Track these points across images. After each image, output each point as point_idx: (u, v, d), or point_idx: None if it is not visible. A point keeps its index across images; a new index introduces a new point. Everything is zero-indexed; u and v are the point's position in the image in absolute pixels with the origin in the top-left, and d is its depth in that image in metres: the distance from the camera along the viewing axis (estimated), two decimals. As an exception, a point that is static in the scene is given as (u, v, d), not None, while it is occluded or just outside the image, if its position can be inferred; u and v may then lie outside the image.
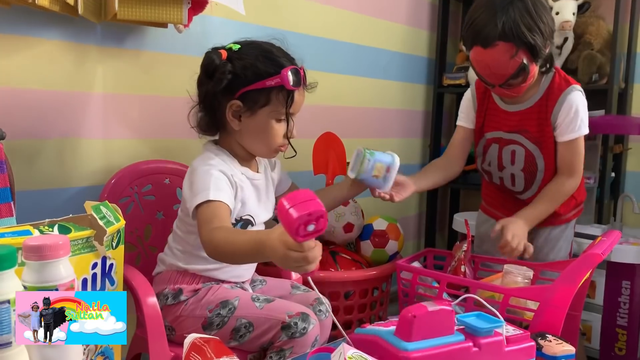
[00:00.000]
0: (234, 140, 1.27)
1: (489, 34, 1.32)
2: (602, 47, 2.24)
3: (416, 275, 1.42)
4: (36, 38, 1.31)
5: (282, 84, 1.18)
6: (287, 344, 1.15)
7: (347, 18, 2.19)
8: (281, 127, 1.24)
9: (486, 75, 1.42)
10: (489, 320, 1.01)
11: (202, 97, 1.24)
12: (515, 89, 1.42)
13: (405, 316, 0.94)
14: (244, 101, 1.20)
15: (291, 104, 1.22)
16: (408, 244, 2.62)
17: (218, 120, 1.25)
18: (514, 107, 1.52)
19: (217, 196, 1.14)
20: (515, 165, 1.56)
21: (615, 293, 1.93)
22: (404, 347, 0.92)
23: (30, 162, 1.33)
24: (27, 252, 0.67)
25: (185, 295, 1.24)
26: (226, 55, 1.19)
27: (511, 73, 1.36)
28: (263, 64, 1.19)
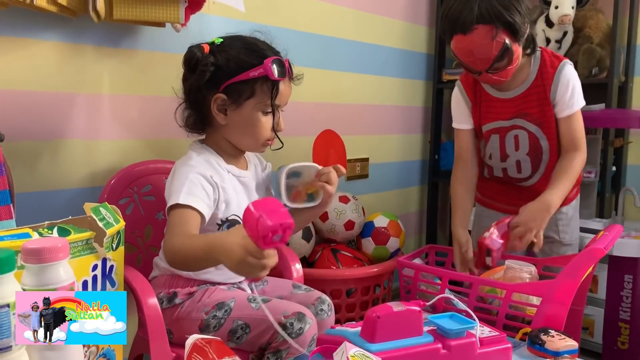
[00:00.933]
0: (220, 136, 1.25)
1: (466, 19, 1.32)
2: (601, 40, 2.23)
3: (418, 272, 1.42)
4: (34, 39, 1.31)
5: (265, 74, 1.16)
6: (284, 345, 1.14)
7: (345, 15, 2.18)
8: (268, 119, 1.22)
9: (471, 63, 1.40)
10: (461, 321, 0.99)
11: (187, 93, 1.23)
12: (502, 73, 1.41)
13: (370, 317, 0.93)
14: (229, 94, 1.18)
15: (276, 95, 1.20)
16: (409, 240, 2.62)
17: (204, 116, 1.24)
18: (510, 93, 1.52)
19: (187, 200, 1.13)
20: (519, 150, 1.55)
21: (617, 287, 1.92)
22: (367, 348, 0.90)
23: (29, 164, 1.33)
24: (26, 256, 0.67)
25: (181, 298, 1.23)
26: (209, 49, 1.19)
27: (495, 55, 1.35)
28: (246, 56, 1.18)
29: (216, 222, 1.23)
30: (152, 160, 1.51)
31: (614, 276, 1.92)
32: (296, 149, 2.03)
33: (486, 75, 1.42)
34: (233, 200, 1.24)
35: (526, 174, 1.59)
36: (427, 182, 2.67)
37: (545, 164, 1.56)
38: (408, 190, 2.63)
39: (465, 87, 1.58)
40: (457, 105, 1.62)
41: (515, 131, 1.54)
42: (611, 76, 2.14)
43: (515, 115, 1.52)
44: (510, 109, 1.52)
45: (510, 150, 1.57)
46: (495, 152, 1.60)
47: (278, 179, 1.27)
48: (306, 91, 2.05)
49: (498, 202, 1.68)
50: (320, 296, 1.32)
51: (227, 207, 1.23)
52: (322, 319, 1.28)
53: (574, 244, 1.65)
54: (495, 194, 1.69)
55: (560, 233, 1.64)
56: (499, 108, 1.54)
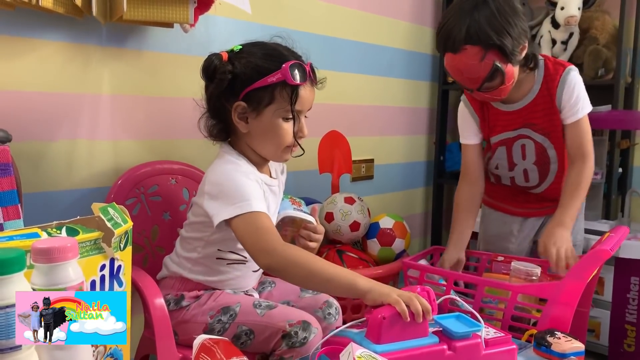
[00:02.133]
0: (245, 144, 1.23)
1: (455, 39, 1.32)
2: (608, 41, 2.22)
3: (423, 273, 1.42)
4: (40, 40, 1.31)
5: (284, 79, 1.14)
6: (287, 354, 1.13)
7: (351, 16, 2.18)
8: (289, 125, 1.19)
9: (462, 81, 1.41)
10: (467, 323, 0.99)
11: (208, 101, 1.21)
12: (495, 92, 1.40)
13: (375, 318, 0.93)
14: (249, 102, 1.16)
15: (296, 100, 1.17)
16: (414, 242, 2.62)
17: (227, 125, 1.22)
18: (516, 105, 1.51)
19: (260, 207, 1.11)
20: (526, 159, 1.55)
21: (623, 289, 1.92)
22: (372, 349, 0.90)
23: (36, 165, 1.33)
24: (35, 255, 0.67)
25: (187, 300, 1.23)
26: (227, 57, 1.17)
27: (484, 76, 1.34)
28: (264, 61, 1.16)
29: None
30: (159, 161, 1.51)
31: (621, 278, 1.92)
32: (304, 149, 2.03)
33: (479, 94, 1.42)
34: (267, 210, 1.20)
35: (534, 182, 1.59)
36: (432, 183, 2.67)
37: (553, 173, 1.56)
38: (413, 191, 2.63)
39: (472, 101, 1.57)
40: (463, 120, 1.61)
41: (522, 140, 1.54)
42: (617, 77, 2.13)
43: (521, 126, 1.52)
44: (516, 121, 1.52)
45: (518, 159, 1.57)
46: (503, 162, 1.60)
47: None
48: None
49: (505, 204, 1.68)
50: (328, 300, 1.32)
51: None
52: (329, 322, 1.29)
53: (577, 244, 1.64)
54: (502, 197, 1.69)
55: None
56: (506, 120, 1.54)
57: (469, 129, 1.59)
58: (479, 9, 1.32)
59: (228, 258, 1.25)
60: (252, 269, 1.29)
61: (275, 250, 1.07)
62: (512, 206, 1.64)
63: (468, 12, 1.32)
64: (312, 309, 1.28)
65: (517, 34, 1.34)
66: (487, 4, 1.33)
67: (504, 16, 1.32)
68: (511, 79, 1.39)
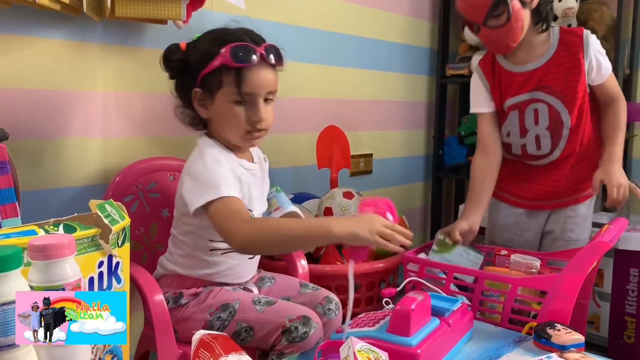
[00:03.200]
0: (214, 130, 1.24)
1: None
2: (606, 33, 2.22)
3: (423, 267, 1.42)
4: (37, 37, 1.31)
5: (225, 62, 1.12)
6: (288, 349, 1.13)
7: (348, 10, 2.18)
8: (245, 110, 1.17)
9: (467, 11, 1.41)
10: (447, 300, 1.12)
11: (175, 91, 1.24)
12: (502, 33, 1.40)
13: (402, 311, 0.95)
14: (203, 87, 1.17)
15: (242, 82, 1.14)
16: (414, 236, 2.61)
17: (195, 113, 1.23)
18: (529, 66, 1.51)
19: (230, 192, 1.12)
20: (539, 124, 1.54)
21: (623, 281, 1.92)
22: (408, 342, 0.92)
23: (33, 162, 1.33)
24: (32, 252, 0.67)
25: (186, 298, 1.23)
26: (185, 46, 1.19)
27: (489, 3, 1.35)
28: (210, 46, 1.15)
29: None
30: (157, 157, 1.51)
31: (620, 270, 1.92)
32: (300, 145, 2.03)
33: (484, 33, 1.42)
34: (246, 195, 1.23)
35: (545, 150, 1.57)
36: (431, 177, 2.67)
37: (565, 139, 1.54)
38: (412, 185, 2.63)
39: (484, 69, 1.58)
40: (475, 89, 1.61)
41: (535, 104, 1.53)
42: (615, 69, 2.12)
43: (534, 88, 1.51)
44: (529, 82, 1.52)
45: (530, 124, 1.55)
46: (515, 129, 1.58)
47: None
48: (309, 87, 2.06)
49: (512, 192, 1.67)
50: (328, 295, 1.32)
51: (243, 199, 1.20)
52: (329, 318, 1.29)
53: (580, 241, 1.62)
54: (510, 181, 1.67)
55: (566, 231, 1.62)
56: (518, 83, 1.53)
57: (480, 96, 1.59)
58: None
59: (221, 247, 1.24)
60: (247, 255, 1.29)
61: (238, 230, 1.07)
62: (519, 194, 1.64)
63: None
64: (312, 304, 1.28)
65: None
66: None
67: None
68: (519, 20, 1.39)
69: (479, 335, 1.16)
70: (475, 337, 1.15)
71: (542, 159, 1.59)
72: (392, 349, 0.91)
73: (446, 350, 1.03)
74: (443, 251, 1.46)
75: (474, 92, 1.62)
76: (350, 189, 1.81)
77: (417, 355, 0.91)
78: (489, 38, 1.44)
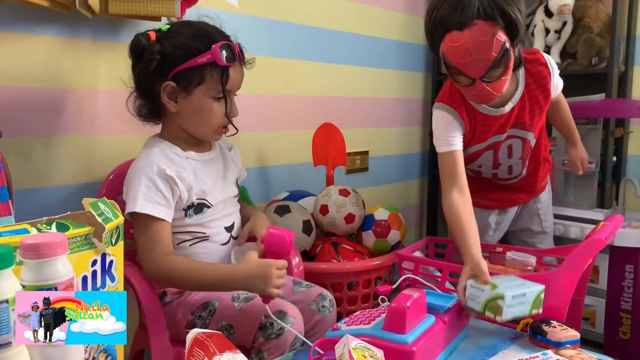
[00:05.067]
0: (175, 124, 1.25)
1: (464, 13, 1.19)
2: (601, 30, 2.22)
3: (418, 265, 1.42)
4: (29, 34, 1.30)
5: (214, 60, 1.15)
6: (265, 345, 1.12)
7: (343, 7, 2.17)
8: (220, 105, 1.21)
9: (466, 65, 1.24)
10: (442, 297, 1.12)
11: (136, 81, 1.23)
12: (495, 85, 1.28)
13: (397, 309, 0.94)
14: (178, 82, 1.17)
15: (227, 81, 1.18)
16: (410, 233, 2.61)
17: (156, 105, 1.23)
18: (507, 107, 1.44)
19: (145, 209, 1.15)
20: (513, 157, 1.54)
21: (618, 277, 1.92)
22: (404, 340, 0.92)
23: (26, 160, 1.32)
24: (24, 251, 0.67)
25: (170, 297, 1.23)
26: (155, 36, 1.17)
27: (494, 58, 1.21)
28: (193, 42, 1.16)
29: (182, 209, 1.22)
30: (151, 155, 1.50)
31: (615, 266, 1.92)
32: (295, 142, 2.03)
33: (477, 87, 1.28)
34: (195, 186, 1.23)
35: (517, 173, 1.60)
36: (427, 174, 2.67)
37: (528, 157, 1.57)
38: (408, 183, 2.63)
39: (459, 110, 1.44)
40: (448, 126, 1.44)
41: (510, 141, 1.51)
42: (611, 66, 2.13)
43: (511, 127, 1.48)
44: (507, 123, 1.47)
45: (504, 159, 1.55)
46: (488, 163, 1.57)
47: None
48: (305, 84, 2.05)
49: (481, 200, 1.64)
50: (322, 292, 1.31)
51: (190, 194, 1.22)
52: (324, 315, 1.28)
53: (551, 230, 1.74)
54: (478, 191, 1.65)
55: (542, 222, 1.69)
56: (497, 125, 1.47)
57: (455, 134, 1.44)
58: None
59: (188, 238, 1.25)
60: (219, 242, 1.28)
61: (152, 263, 1.15)
62: (488, 200, 1.65)
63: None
64: (306, 302, 1.27)
65: (522, 17, 1.24)
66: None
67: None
68: (509, 71, 1.29)
69: (475, 333, 1.16)
70: (471, 334, 1.15)
71: (512, 180, 1.62)
72: (388, 346, 0.91)
73: (442, 347, 1.03)
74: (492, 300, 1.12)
75: (448, 128, 1.44)
76: (346, 186, 1.81)
77: (413, 352, 0.91)
78: (480, 91, 1.30)
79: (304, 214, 1.71)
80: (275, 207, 1.70)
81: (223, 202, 1.30)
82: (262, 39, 1.85)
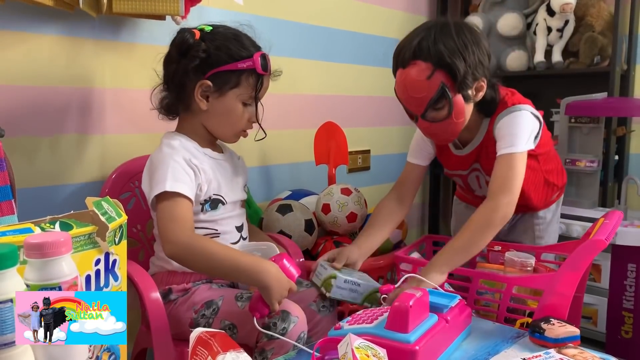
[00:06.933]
0: (197, 121, 1.27)
1: (406, 52, 1.25)
2: (603, 29, 2.21)
3: (416, 267, 1.41)
4: (32, 34, 1.30)
5: (253, 67, 1.21)
6: (269, 345, 1.11)
7: (345, 6, 2.17)
8: (247, 111, 1.26)
9: (405, 101, 1.30)
10: (445, 296, 1.10)
11: (171, 75, 1.24)
12: (443, 127, 1.28)
13: (400, 307, 0.94)
14: (214, 82, 1.21)
15: (260, 88, 1.24)
16: (411, 232, 2.61)
17: (183, 100, 1.25)
18: (466, 150, 1.44)
19: (175, 187, 1.15)
20: (482, 188, 1.52)
21: (620, 276, 1.92)
22: (406, 339, 0.92)
23: (29, 160, 1.33)
24: (28, 250, 0.67)
25: (175, 294, 1.23)
26: (199, 35, 1.20)
27: (429, 97, 1.23)
28: (235, 47, 1.22)
29: (199, 202, 1.24)
30: (153, 154, 1.50)
31: (617, 265, 1.92)
32: (297, 141, 2.03)
33: (421, 124, 1.31)
34: (214, 180, 1.26)
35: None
36: (428, 173, 2.67)
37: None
38: (410, 181, 2.62)
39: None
40: (421, 141, 1.50)
41: (476, 173, 1.50)
42: (613, 65, 2.13)
43: (472, 165, 1.48)
44: (467, 161, 1.47)
45: (475, 187, 1.55)
46: (462, 184, 1.58)
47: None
48: (307, 83, 2.05)
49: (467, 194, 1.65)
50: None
51: (209, 187, 1.25)
52: (324, 315, 1.28)
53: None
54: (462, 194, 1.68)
55: (535, 239, 1.59)
56: (456, 162, 1.49)
57: (423, 152, 1.51)
58: (438, 28, 1.25)
59: (201, 234, 1.25)
60: (229, 241, 1.30)
61: (173, 238, 1.14)
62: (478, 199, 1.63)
63: (425, 29, 1.26)
64: (306, 302, 1.27)
65: (473, 63, 1.24)
66: (447, 26, 1.25)
67: (462, 39, 1.23)
68: (461, 115, 1.28)
69: (476, 332, 1.15)
70: (473, 333, 1.15)
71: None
72: (391, 345, 0.91)
73: (444, 346, 1.03)
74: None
75: (418, 144, 1.52)
76: (348, 185, 1.81)
77: (416, 351, 0.91)
78: (427, 130, 1.34)
79: (306, 212, 1.71)
80: (277, 206, 1.70)
81: (234, 202, 1.32)
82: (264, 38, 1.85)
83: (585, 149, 2.17)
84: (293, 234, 1.64)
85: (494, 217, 1.25)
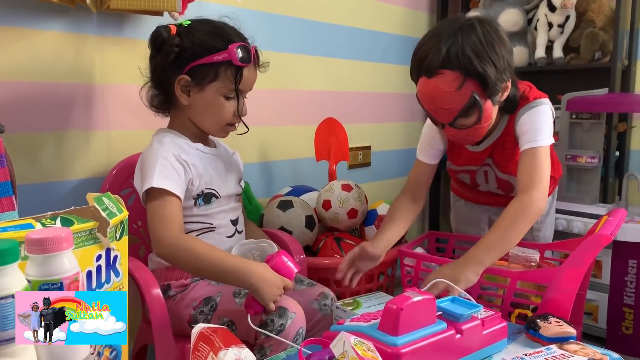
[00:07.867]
0: (185, 116, 1.27)
1: (432, 61, 1.17)
2: (604, 24, 2.21)
3: (419, 262, 1.41)
4: (33, 29, 1.30)
5: (229, 59, 1.18)
6: (267, 342, 1.11)
7: (345, 1, 2.16)
8: (231, 104, 1.24)
9: (433, 112, 1.25)
10: (466, 305, 1.01)
11: (152, 72, 1.25)
12: (469, 132, 1.26)
13: (390, 309, 0.91)
14: (193, 76, 1.20)
15: (240, 81, 1.22)
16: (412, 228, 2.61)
17: (169, 97, 1.26)
18: (481, 147, 1.41)
19: (162, 184, 1.15)
20: (489, 183, 1.52)
21: (621, 272, 1.92)
22: (393, 342, 0.89)
23: (30, 155, 1.32)
24: (30, 246, 0.66)
25: (174, 290, 1.23)
26: (175, 30, 1.20)
27: (460, 108, 1.19)
28: (211, 39, 1.20)
29: (192, 197, 1.24)
30: (154, 150, 1.50)
31: (618, 261, 1.92)
32: (298, 137, 2.03)
33: (449, 131, 1.27)
34: (205, 174, 1.26)
35: (499, 193, 1.56)
36: (429, 169, 2.66)
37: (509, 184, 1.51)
38: (410, 178, 2.62)
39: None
40: (431, 136, 1.45)
41: (485, 168, 1.48)
42: (614, 60, 2.12)
43: (484, 160, 1.46)
44: (480, 157, 1.45)
45: (481, 182, 1.54)
46: (467, 181, 1.57)
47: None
48: (307, 79, 2.05)
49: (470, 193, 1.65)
50: (324, 291, 1.31)
51: (200, 181, 1.25)
52: (325, 313, 1.28)
53: (547, 238, 1.62)
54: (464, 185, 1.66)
55: (533, 231, 1.58)
56: (469, 157, 1.46)
57: (433, 149, 1.46)
58: (464, 31, 1.17)
59: (195, 229, 1.26)
60: (224, 234, 1.30)
61: (164, 238, 1.14)
62: (478, 196, 1.63)
63: (450, 34, 1.17)
64: (307, 300, 1.27)
65: (502, 67, 1.19)
66: (473, 27, 1.18)
67: (490, 43, 1.17)
68: (488, 119, 1.25)
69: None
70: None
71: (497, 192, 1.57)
72: (377, 347, 0.87)
73: (452, 357, 0.97)
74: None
75: (427, 141, 1.47)
76: (348, 181, 1.81)
77: (400, 355, 0.87)
78: (455, 136, 1.30)
79: (307, 209, 1.71)
80: (277, 202, 1.69)
81: (228, 196, 1.32)
82: (264, 34, 1.85)
83: (586, 144, 2.16)
84: (294, 230, 1.64)
85: (529, 212, 1.25)
